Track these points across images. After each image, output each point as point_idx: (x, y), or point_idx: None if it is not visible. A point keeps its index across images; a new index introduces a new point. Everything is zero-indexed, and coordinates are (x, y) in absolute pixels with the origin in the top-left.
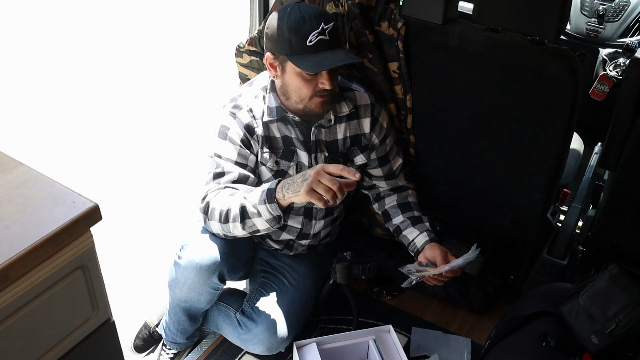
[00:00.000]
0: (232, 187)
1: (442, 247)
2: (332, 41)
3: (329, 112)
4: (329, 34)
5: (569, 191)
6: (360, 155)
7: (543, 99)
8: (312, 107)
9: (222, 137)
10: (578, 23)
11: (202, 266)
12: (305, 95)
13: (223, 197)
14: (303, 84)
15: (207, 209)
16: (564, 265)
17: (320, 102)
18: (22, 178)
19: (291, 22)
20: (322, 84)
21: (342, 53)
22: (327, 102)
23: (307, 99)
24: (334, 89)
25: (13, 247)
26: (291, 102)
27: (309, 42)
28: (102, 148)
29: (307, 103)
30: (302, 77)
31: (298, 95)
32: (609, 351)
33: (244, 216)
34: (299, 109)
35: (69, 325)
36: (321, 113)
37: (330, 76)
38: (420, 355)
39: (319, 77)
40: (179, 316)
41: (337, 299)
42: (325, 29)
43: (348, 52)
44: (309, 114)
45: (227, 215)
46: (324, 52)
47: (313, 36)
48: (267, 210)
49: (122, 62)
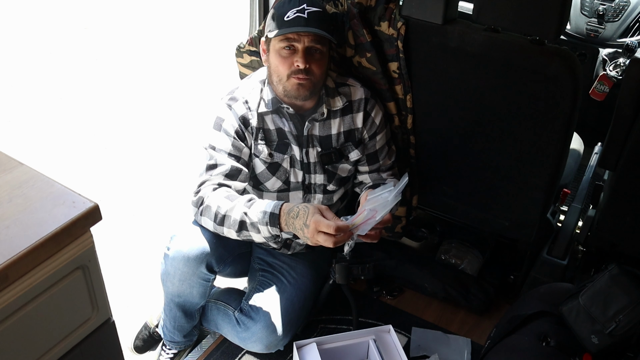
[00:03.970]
0: (225, 183)
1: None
2: (310, 20)
3: (322, 106)
4: (308, 14)
5: (569, 191)
6: (355, 151)
7: (543, 99)
8: (289, 89)
9: (217, 128)
10: (578, 23)
11: (190, 256)
12: (282, 74)
13: (219, 197)
14: (280, 62)
15: (201, 205)
16: (564, 265)
17: (297, 84)
18: (22, 178)
19: (278, 4)
20: (296, 61)
21: (314, 30)
22: (305, 86)
23: (284, 79)
24: (316, 77)
25: (13, 247)
26: (274, 85)
27: (286, 17)
28: (102, 148)
29: (285, 83)
30: (280, 54)
31: (277, 75)
32: (609, 351)
33: (241, 228)
34: (281, 92)
35: (69, 325)
36: (299, 97)
37: (306, 56)
38: (420, 355)
39: (294, 56)
40: (174, 312)
41: (337, 299)
42: (307, 9)
43: (323, 31)
44: (291, 99)
45: (223, 220)
46: (298, 27)
47: (291, 12)
48: (267, 230)
49: (122, 62)
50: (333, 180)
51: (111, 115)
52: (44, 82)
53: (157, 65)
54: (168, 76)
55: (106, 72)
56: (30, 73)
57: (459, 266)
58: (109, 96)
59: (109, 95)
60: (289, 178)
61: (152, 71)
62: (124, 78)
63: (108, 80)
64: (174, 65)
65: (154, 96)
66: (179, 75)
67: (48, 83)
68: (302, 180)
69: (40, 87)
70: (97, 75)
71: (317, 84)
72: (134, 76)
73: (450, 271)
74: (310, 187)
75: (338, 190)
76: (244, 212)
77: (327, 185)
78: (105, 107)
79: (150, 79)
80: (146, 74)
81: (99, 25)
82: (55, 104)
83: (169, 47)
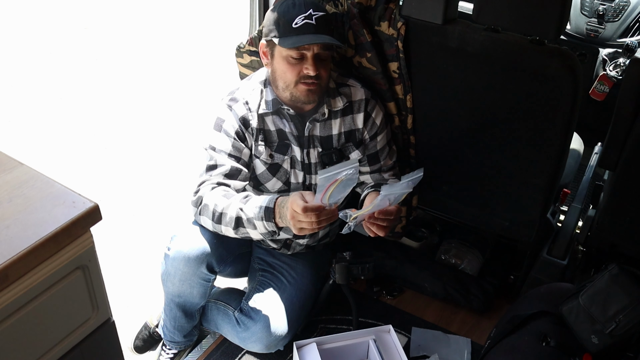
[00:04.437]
0: (225, 182)
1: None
2: (319, 27)
3: (323, 106)
4: (316, 20)
5: (569, 191)
6: (356, 151)
7: (543, 99)
8: (297, 95)
9: (217, 129)
10: (578, 23)
11: (191, 257)
12: (290, 80)
13: (217, 196)
14: (288, 68)
15: (200, 204)
16: (564, 265)
17: (306, 89)
18: (22, 178)
19: (282, 7)
20: (306, 69)
21: (326, 38)
22: (314, 91)
23: (292, 85)
24: (324, 81)
25: (13, 247)
26: (279, 90)
27: (294, 25)
28: (102, 148)
29: (293, 90)
30: (287, 62)
31: (284, 81)
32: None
33: (238, 224)
34: (287, 98)
35: (69, 325)
36: (308, 102)
37: (316, 63)
38: (420, 355)
39: (303, 63)
40: (175, 312)
41: (337, 299)
42: (313, 14)
43: (333, 38)
44: (298, 103)
45: (220, 218)
46: (308, 35)
47: (299, 19)
48: (263, 226)
49: (121, 62)
50: None
51: (111, 115)
52: (44, 82)
53: (157, 65)
54: (168, 76)
55: (106, 72)
56: (30, 73)
57: (459, 266)
58: (109, 96)
59: (109, 95)
60: (290, 179)
61: (152, 71)
62: (124, 78)
63: (108, 80)
64: (174, 66)
65: (154, 96)
66: (179, 75)
67: (48, 83)
68: (303, 181)
69: (40, 87)
70: (97, 75)
71: (324, 88)
72: (134, 76)
73: (450, 271)
74: (310, 188)
75: None
76: (239, 208)
77: None
78: (105, 107)
79: (151, 79)
80: (146, 74)
81: (99, 25)
82: (55, 104)
83: (169, 47)
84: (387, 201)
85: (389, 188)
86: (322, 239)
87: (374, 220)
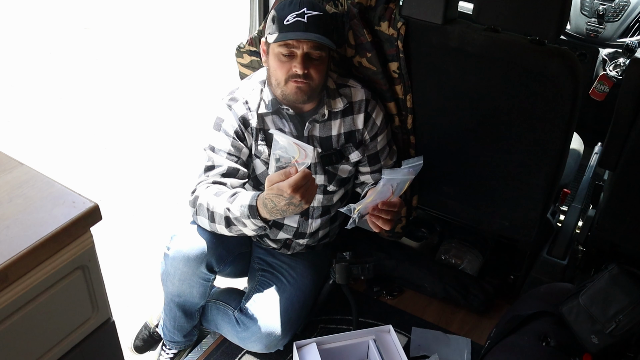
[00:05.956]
0: (221, 181)
1: None
2: (309, 25)
3: (323, 107)
4: (307, 18)
5: (569, 191)
6: (356, 152)
7: (543, 99)
8: (287, 93)
9: (217, 129)
10: (578, 23)
11: (190, 256)
12: (280, 78)
13: (210, 194)
14: (278, 66)
15: (196, 204)
16: (564, 265)
17: (296, 87)
18: (22, 178)
19: (279, 6)
20: (295, 67)
21: (313, 36)
22: (303, 90)
23: (282, 83)
24: (315, 81)
25: (13, 247)
26: (273, 88)
27: (286, 22)
28: (102, 148)
29: (283, 87)
30: (279, 59)
31: (275, 78)
32: (609, 351)
33: (228, 223)
34: (279, 95)
35: (69, 325)
36: (297, 101)
37: (305, 62)
38: (420, 355)
39: (293, 61)
40: (174, 312)
41: (337, 299)
42: (307, 13)
43: (323, 37)
44: (289, 102)
45: (213, 216)
46: (296, 32)
47: (291, 16)
48: (251, 223)
49: (122, 62)
50: (333, 181)
51: (111, 115)
52: (44, 82)
53: (158, 65)
54: (168, 76)
55: (106, 72)
56: (30, 73)
57: (459, 266)
58: (109, 96)
59: (109, 95)
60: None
61: (153, 71)
62: (124, 78)
63: (108, 81)
64: (174, 66)
65: (154, 96)
66: (179, 75)
67: (48, 83)
68: None
69: (40, 87)
70: (97, 75)
71: (315, 88)
72: (134, 76)
73: (450, 271)
74: None
75: (338, 190)
76: (226, 207)
77: (327, 185)
78: (105, 107)
79: (151, 79)
80: (146, 74)
81: (99, 25)
82: (55, 104)
83: (169, 47)
84: (390, 188)
85: (391, 173)
86: (322, 239)
87: (378, 212)
